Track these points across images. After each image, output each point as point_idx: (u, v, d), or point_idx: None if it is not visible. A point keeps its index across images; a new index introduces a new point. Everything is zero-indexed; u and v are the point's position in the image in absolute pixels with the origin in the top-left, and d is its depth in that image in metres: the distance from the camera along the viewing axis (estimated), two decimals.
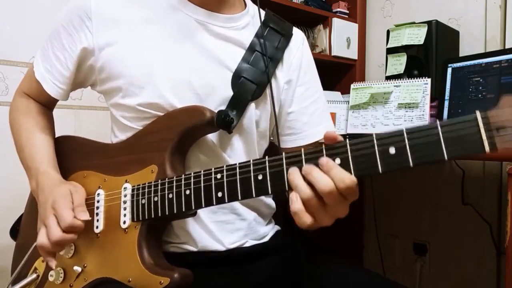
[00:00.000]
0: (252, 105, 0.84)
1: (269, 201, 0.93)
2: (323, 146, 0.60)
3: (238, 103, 0.82)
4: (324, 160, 0.58)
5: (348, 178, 0.56)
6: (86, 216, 0.74)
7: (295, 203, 0.59)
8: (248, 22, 0.89)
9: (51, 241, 0.71)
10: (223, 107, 0.81)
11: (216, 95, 0.81)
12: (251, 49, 0.86)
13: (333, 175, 0.57)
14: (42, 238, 0.72)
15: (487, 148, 0.50)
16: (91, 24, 0.80)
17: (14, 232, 0.95)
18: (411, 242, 1.94)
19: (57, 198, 0.74)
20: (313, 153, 0.60)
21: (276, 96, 0.88)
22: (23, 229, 0.93)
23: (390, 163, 0.55)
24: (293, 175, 0.59)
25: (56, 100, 0.91)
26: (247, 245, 0.86)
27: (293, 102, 0.92)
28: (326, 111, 0.97)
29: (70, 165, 0.87)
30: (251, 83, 0.83)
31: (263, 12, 0.92)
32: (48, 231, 0.72)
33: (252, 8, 0.93)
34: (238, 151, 0.85)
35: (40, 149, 0.86)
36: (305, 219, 0.59)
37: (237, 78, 0.83)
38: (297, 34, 0.95)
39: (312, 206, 0.58)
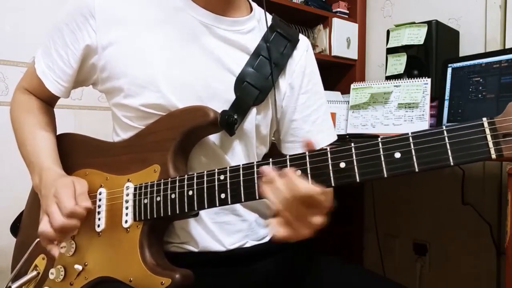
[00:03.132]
0: (254, 110, 0.84)
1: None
2: (328, 149, 0.60)
3: (240, 107, 0.82)
4: (286, 170, 0.61)
5: (304, 188, 0.58)
6: (88, 203, 0.74)
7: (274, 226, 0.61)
8: (254, 26, 0.88)
9: (54, 227, 0.72)
10: None
11: (218, 98, 0.81)
12: (256, 53, 0.85)
13: (290, 186, 0.59)
14: (44, 226, 0.73)
15: (493, 155, 0.50)
16: (95, 23, 0.79)
17: (15, 228, 0.95)
18: (411, 242, 1.94)
19: (59, 188, 0.74)
20: (317, 156, 0.60)
21: (278, 102, 0.88)
22: (24, 226, 0.93)
23: (395, 167, 0.55)
24: (261, 187, 0.62)
25: (57, 97, 0.90)
26: (247, 245, 0.86)
27: (296, 110, 0.91)
28: (328, 119, 0.97)
29: (71, 163, 0.87)
30: (254, 88, 0.83)
31: (269, 17, 0.91)
32: (51, 218, 0.72)
33: (259, 12, 0.92)
34: (238, 154, 0.85)
35: (43, 146, 0.85)
36: (281, 233, 0.61)
37: (240, 83, 0.82)
38: (303, 41, 0.94)
39: (284, 217, 0.60)
